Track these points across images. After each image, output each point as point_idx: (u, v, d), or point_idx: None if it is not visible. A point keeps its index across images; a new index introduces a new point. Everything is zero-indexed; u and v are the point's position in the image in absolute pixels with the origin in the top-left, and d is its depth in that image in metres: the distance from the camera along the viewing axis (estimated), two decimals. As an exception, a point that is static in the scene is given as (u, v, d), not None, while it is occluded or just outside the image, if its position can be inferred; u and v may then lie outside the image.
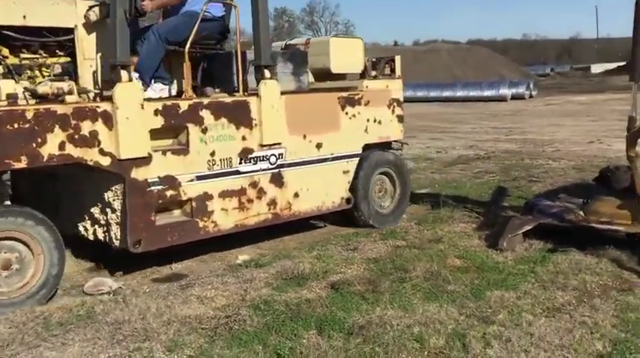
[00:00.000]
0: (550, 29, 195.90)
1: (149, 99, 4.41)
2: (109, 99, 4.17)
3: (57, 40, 4.52)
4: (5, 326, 3.66)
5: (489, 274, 4.34)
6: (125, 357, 3.23)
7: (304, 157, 5.35)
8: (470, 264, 4.60)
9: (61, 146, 3.91)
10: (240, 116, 4.85)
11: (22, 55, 4.47)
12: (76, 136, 3.98)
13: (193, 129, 4.57)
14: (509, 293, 3.94)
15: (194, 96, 4.86)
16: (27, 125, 3.76)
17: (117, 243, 4.44)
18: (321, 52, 6.12)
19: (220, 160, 4.76)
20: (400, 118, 6.17)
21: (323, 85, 6.17)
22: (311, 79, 6.26)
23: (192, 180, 4.60)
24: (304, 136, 5.32)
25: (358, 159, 5.83)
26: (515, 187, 7.74)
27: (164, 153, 4.43)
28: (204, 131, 4.63)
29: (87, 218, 4.68)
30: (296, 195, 5.32)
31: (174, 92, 5.10)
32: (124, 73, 4.18)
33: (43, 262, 4.03)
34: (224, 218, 4.83)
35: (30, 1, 4.31)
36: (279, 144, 5.12)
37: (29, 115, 3.77)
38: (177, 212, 4.65)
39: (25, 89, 4.28)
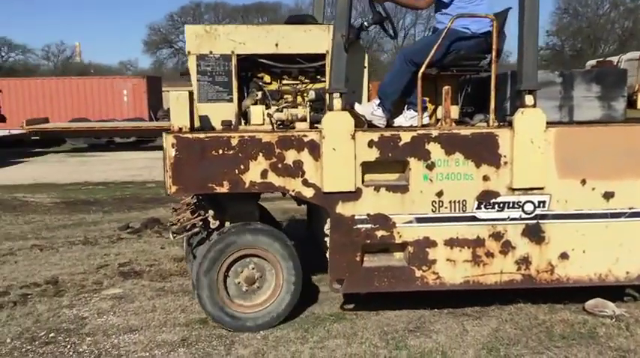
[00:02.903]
0: None
1: (365, 130, 4.04)
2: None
3: (313, 66, 4.56)
4: (511, 326, 4.11)
5: None
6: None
7: (582, 209, 4.07)
8: None
9: (264, 174, 3.93)
10: (482, 152, 3.99)
11: (284, 82, 4.67)
12: (279, 165, 3.93)
13: (416, 165, 3.98)
14: None
15: (452, 124, 4.27)
16: (231, 151, 3.90)
17: None
18: (659, 68, 4.57)
19: (450, 202, 4.02)
20: None
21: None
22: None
23: (410, 222, 4.02)
24: (583, 182, 4.04)
25: (681, 218, 4.12)
26: None
27: (377, 189, 3.99)
28: (431, 167, 3.98)
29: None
30: (563, 256, 4.10)
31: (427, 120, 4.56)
32: (337, 101, 3.93)
33: (282, 274, 4.13)
34: (450, 270, 4.08)
35: (283, 29, 4.45)
36: (540, 189, 4.03)
37: (234, 142, 3.90)
38: (389, 256, 4.15)
39: (269, 115, 4.47)
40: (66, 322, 4.35)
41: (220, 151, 3.90)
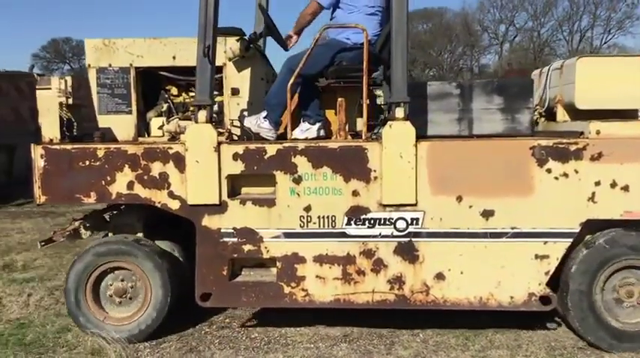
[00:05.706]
0: None
1: (230, 142, 3.99)
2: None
3: (217, 79, 4.54)
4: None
5: None
6: None
7: (458, 227, 3.87)
8: None
9: (130, 185, 3.95)
10: (351, 166, 3.87)
11: (191, 94, 4.70)
12: (145, 177, 3.94)
13: (282, 179, 3.89)
14: None
15: (347, 136, 4.22)
16: (98, 163, 3.95)
17: None
18: (568, 80, 4.32)
19: (319, 218, 3.91)
20: (677, 184, 3.76)
21: (563, 127, 4.35)
22: (565, 117, 4.52)
23: (277, 237, 3.94)
24: (459, 198, 3.84)
25: (571, 241, 3.85)
26: None
27: (243, 202, 3.93)
28: (298, 181, 3.89)
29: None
30: (439, 276, 3.91)
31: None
32: (201, 114, 3.91)
33: (150, 289, 4.08)
34: (320, 288, 3.96)
35: (180, 42, 4.49)
36: (412, 205, 3.86)
37: (100, 154, 3.94)
38: (265, 270, 4.06)
39: (160, 127, 4.52)
40: (240, 309, 4.64)
41: (87, 162, 3.96)
